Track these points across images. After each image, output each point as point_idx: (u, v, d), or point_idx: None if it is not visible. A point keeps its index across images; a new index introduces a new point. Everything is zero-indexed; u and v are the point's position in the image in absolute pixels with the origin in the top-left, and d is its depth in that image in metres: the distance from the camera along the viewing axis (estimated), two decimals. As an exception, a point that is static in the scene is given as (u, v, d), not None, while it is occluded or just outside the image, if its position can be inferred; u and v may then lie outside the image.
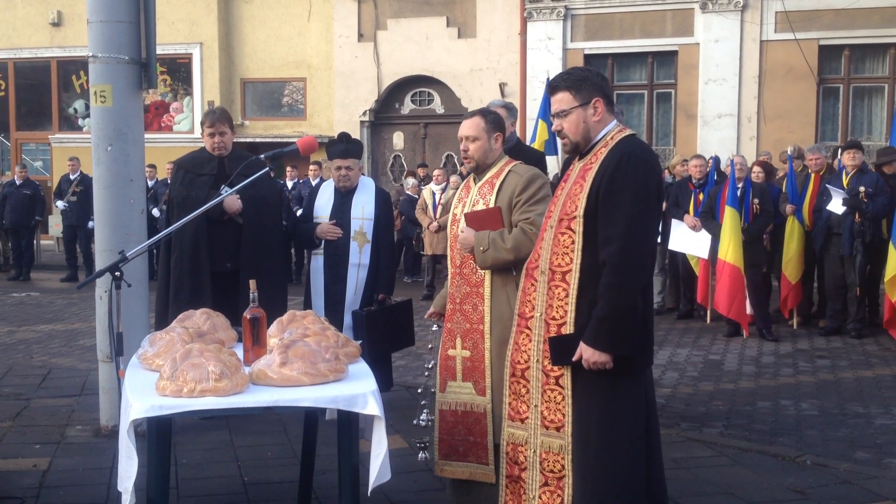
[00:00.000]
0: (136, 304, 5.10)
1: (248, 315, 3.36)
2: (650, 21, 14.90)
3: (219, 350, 3.13)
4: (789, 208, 9.03)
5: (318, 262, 5.56)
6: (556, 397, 3.23)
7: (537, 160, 4.85)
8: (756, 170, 9.48)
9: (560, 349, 3.18)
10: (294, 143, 4.08)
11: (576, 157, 3.38)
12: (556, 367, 3.21)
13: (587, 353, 3.08)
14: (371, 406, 3.03)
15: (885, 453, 5.21)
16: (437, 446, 4.06)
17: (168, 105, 17.71)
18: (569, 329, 3.16)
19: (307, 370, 3.09)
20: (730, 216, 8.55)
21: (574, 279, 3.16)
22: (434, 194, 11.78)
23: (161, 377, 3.02)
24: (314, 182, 12.69)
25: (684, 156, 11.07)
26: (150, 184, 13.21)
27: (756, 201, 8.74)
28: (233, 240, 5.38)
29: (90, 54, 5.17)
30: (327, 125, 16.55)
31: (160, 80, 16.92)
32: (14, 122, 18.59)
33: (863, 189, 8.32)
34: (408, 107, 16.76)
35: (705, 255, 9.08)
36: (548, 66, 14.62)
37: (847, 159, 8.64)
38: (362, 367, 3.42)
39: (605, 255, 3.08)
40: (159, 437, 3.09)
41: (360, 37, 16.46)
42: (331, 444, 3.58)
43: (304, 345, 3.19)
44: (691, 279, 9.60)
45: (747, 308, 8.66)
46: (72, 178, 13.76)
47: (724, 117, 14.58)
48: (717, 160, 10.27)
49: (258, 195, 5.35)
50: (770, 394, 6.61)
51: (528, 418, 3.33)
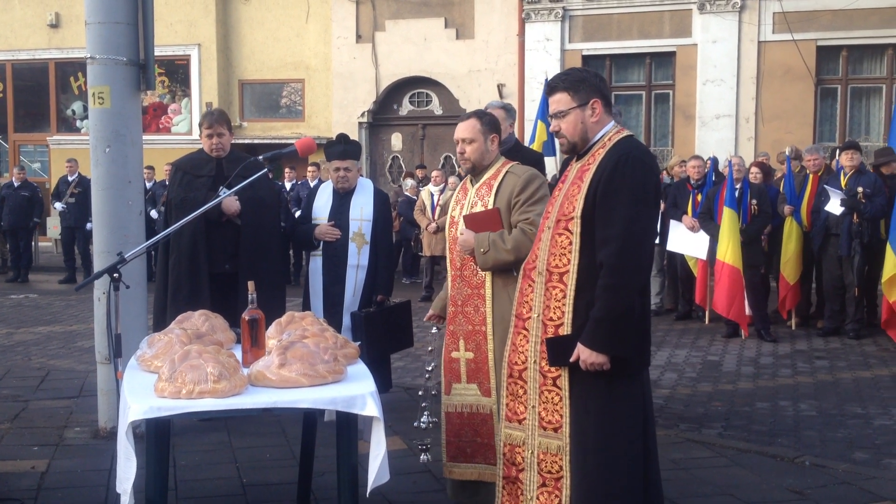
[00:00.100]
0: (134, 306, 5.09)
1: (246, 316, 3.36)
2: (648, 22, 14.91)
3: (217, 351, 3.13)
4: (787, 209, 9.04)
5: (316, 263, 5.56)
6: (553, 398, 3.23)
7: (536, 161, 4.85)
8: (754, 170, 9.48)
9: (557, 350, 3.17)
10: (292, 145, 4.09)
11: (573, 158, 3.39)
12: (553, 368, 3.21)
13: (584, 355, 3.08)
14: (370, 407, 3.03)
15: (883, 454, 5.21)
16: (444, 448, 4.06)
17: (166, 106, 17.70)
18: (566, 330, 3.16)
19: (306, 371, 3.09)
20: (728, 217, 8.55)
21: (571, 280, 3.16)
22: (432, 195, 11.78)
23: (160, 379, 3.02)
24: (312, 183, 12.67)
25: (682, 156, 11.08)
26: (149, 185, 13.21)
27: (754, 202, 8.75)
28: (231, 241, 5.38)
29: (88, 56, 5.17)
30: (325, 126, 16.55)
31: (158, 81, 16.95)
32: (12, 123, 18.58)
33: (861, 190, 8.33)
34: (406, 108, 16.76)
35: (704, 256, 9.08)
36: (546, 67, 14.62)
37: (845, 160, 8.65)
38: (361, 369, 3.42)
39: (602, 256, 3.08)
40: (158, 438, 3.09)
41: (359, 38, 16.46)
42: (329, 446, 3.58)
43: (302, 346, 3.19)
44: (690, 280, 9.60)
45: (746, 309, 8.66)
46: (70, 179, 13.77)
47: (722, 118, 14.60)
48: (715, 161, 10.27)
49: (256, 196, 5.34)
50: (769, 394, 6.61)
51: (525, 419, 3.33)
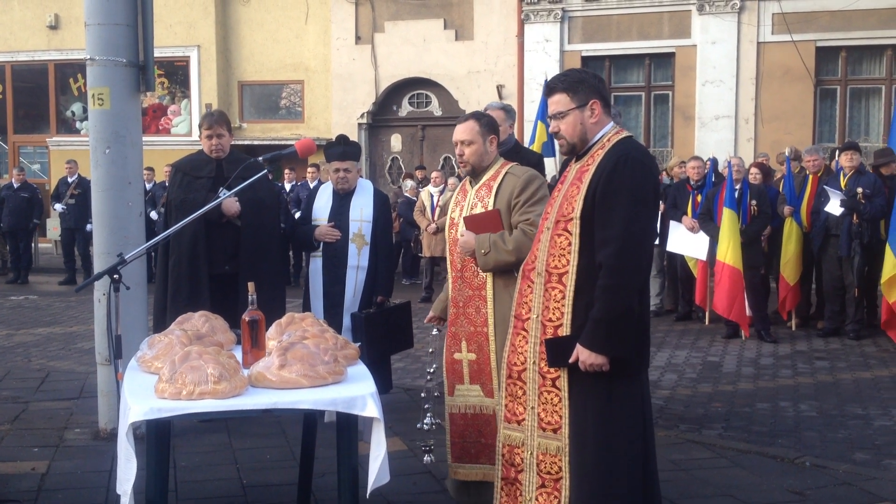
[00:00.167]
0: (134, 307, 5.09)
1: (246, 317, 3.36)
2: (647, 23, 14.92)
3: (217, 353, 3.12)
4: (787, 210, 9.04)
5: (316, 264, 5.56)
6: (552, 399, 3.22)
7: (535, 162, 4.85)
8: (753, 171, 9.48)
9: (557, 351, 3.17)
10: (292, 146, 4.09)
11: (573, 159, 3.39)
12: (552, 369, 3.21)
13: (584, 356, 3.08)
14: (370, 408, 3.03)
15: (883, 454, 5.21)
16: (449, 449, 4.07)
17: (166, 108, 17.70)
18: (565, 331, 3.16)
19: (306, 372, 3.09)
20: (728, 218, 8.55)
21: (570, 281, 3.16)
22: (432, 196, 11.79)
23: (160, 380, 3.01)
24: (312, 184, 12.68)
25: (682, 157, 11.08)
26: (148, 186, 13.21)
27: (754, 203, 8.75)
28: (231, 242, 5.38)
29: (88, 57, 5.17)
30: (325, 127, 16.56)
31: (158, 82, 16.95)
32: (11, 125, 18.58)
33: (860, 190, 8.33)
34: (405, 109, 16.77)
35: (703, 257, 9.08)
36: (545, 68, 14.63)
37: (844, 161, 8.65)
38: (361, 370, 3.41)
39: (601, 256, 3.08)
40: (158, 439, 3.08)
41: (358, 39, 16.47)
42: (330, 447, 3.58)
43: (302, 347, 3.19)
44: (690, 281, 9.60)
45: (746, 309, 8.66)
46: (69, 180, 13.76)
47: (721, 119, 14.60)
48: (714, 162, 10.27)
49: (256, 198, 5.34)
50: (769, 395, 6.61)
51: (524, 420, 3.32)
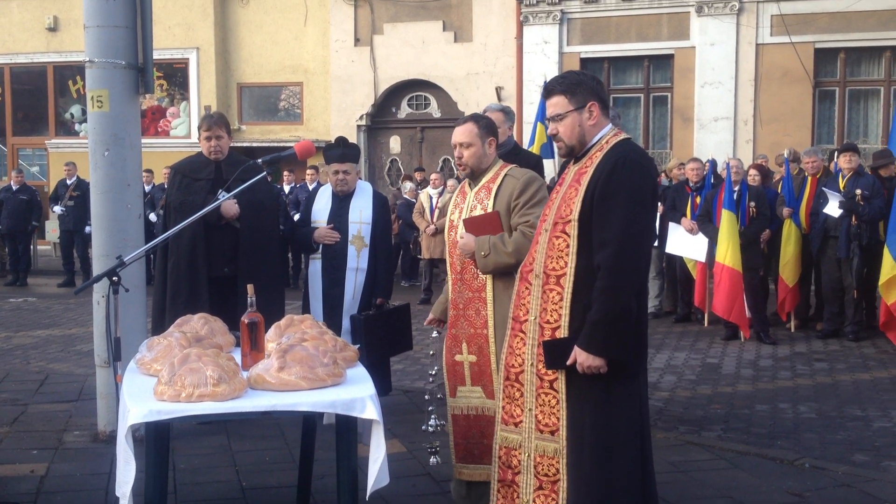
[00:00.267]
0: (133, 309, 5.08)
1: (245, 320, 3.35)
2: (646, 25, 14.92)
3: (217, 355, 3.12)
4: (786, 211, 9.05)
5: (315, 266, 5.56)
6: (550, 401, 3.22)
7: (534, 164, 4.85)
8: (752, 173, 9.48)
9: (554, 353, 3.17)
10: (291, 148, 4.08)
11: (571, 161, 3.39)
12: (550, 371, 3.21)
13: (581, 358, 3.08)
14: (369, 410, 3.03)
15: (883, 456, 5.21)
16: (453, 450, 4.08)
17: (165, 110, 17.70)
18: (563, 333, 3.16)
19: (305, 374, 3.09)
20: (727, 219, 8.55)
21: (568, 283, 3.16)
22: (431, 198, 11.80)
23: (159, 382, 3.01)
24: (311, 186, 12.68)
25: (681, 159, 11.09)
26: (147, 189, 13.20)
27: (752, 204, 8.75)
28: (230, 244, 5.38)
29: (87, 59, 5.17)
30: (324, 129, 16.56)
31: (157, 84, 16.94)
32: (10, 127, 18.58)
33: (859, 192, 8.33)
34: (404, 111, 16.77)
35: (702, 259, 9.08)
36: (544, 70, 14.63)
37: (843, 162, 8.66)
38: (360, 372, 3.41)
39: (599, 258, 3.08)
40: (157, 442, 3.08)
41: (357, 41, 16.47)
42: (329, 449, 3.58)
43: (302, 349, 3.19)
44: (689, 282, 9.60)
45: (746, 310, 8.66)
46: (68, 182, 13.76)
47: (720, 120, 14.61)
48: (713, 163, 10.27)
49: (255, 200, 5.34)
50: (768, 397, 6.61)
51: (521, 422, 3.32)
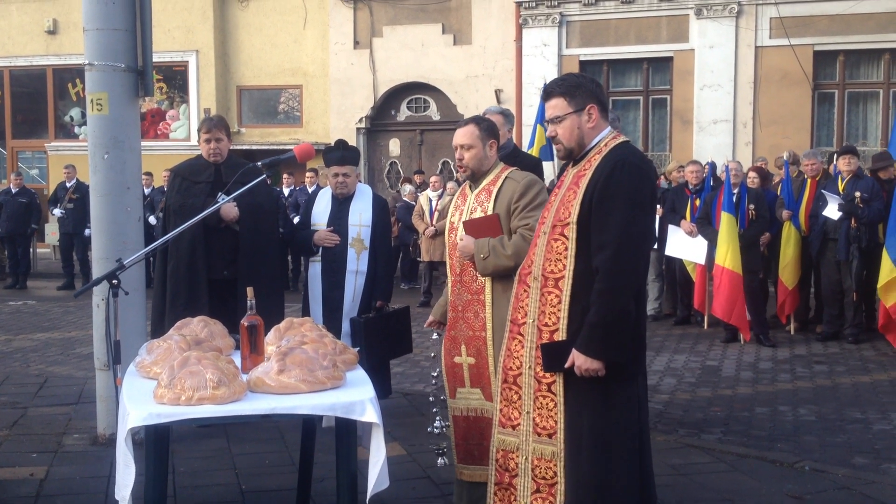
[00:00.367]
0: (132, 312, 5.08)
1: (245, 322, 3.35)
2: (645, 27, 14.94)
3: (216, 358, 3.12)
4: (786, 214, 9.05)
5: (315, 269, 5.56)
6: (548, 404, 3.22)
7: (534, 166, 4.85)
8: (752, 175, 9.48)
9: (552, 356, 3.17)
10: (291, 151, 4.08)
11: (570, 164, 3.39)
12: (548, 374, 3.21)
13: (579, 360, 3.08)
14: (369, 413, 3.03)
15: (883, 458, 5.21)
16: (454, 451, 4.10)
17: (164, 113, 17.71)
18: (561, 335, 3.16)
19: (305, 377, 3.09)
20: (726, 222, 8.55)
21: (567, 285, 3.16)
22: (430, 200, 11.80)
23: (159, 385, 3.01)
24: (310, 189, 12.68)
25: (680, 161, 11.10)
26: (147, 191, 13.19)
27: (752, 207, 8.75)
28: (230, 247, 5.38)
29: (86, 62, 5.17)
30: (324, 132, 16.56)
31: (156, 87, 16.94)
32: (10, 130, 18.58)
33: (858, 194, 8.34)
34: (404, 113, 16.78)
35: (702, 261, 9.08)
36: (543, 73, 14.64)
37: (842, 165, 8.66)
38: (360, 375, 3.41)
39: (598, 261, 3.08)
40: (157, 445, 3.08)
41: (356, 44, 16.48)
42: (329, 452, 3.58)
43: (301, 352, 3.19)
44: (688, 285, 9.60)
45: (746, 313, 8.66)
46: (68, 185, 13.75)
47: (719, 123, 14.62)
48: (713, 166, 10.28)
49: (255, 203, 5.34)
50: (768, 399, 6.61)
51: (519, 425, 3.32)
